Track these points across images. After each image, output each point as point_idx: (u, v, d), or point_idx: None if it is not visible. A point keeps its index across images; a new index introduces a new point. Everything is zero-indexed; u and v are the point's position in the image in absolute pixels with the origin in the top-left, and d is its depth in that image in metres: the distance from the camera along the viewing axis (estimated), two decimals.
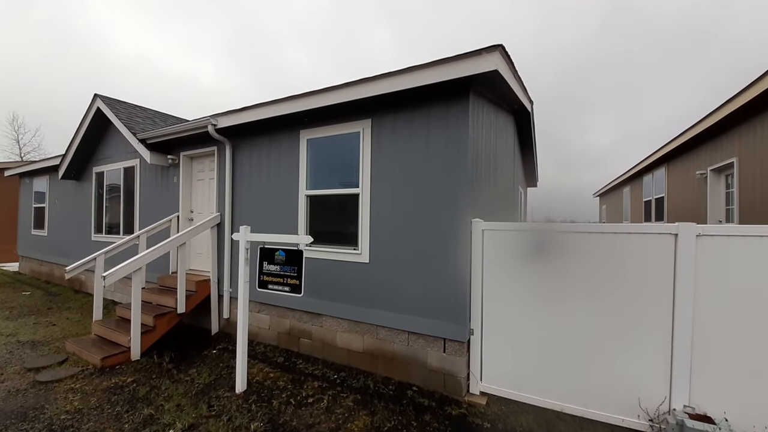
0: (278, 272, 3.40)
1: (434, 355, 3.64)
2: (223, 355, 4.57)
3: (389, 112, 3.94)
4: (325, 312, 4.35)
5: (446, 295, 3.55)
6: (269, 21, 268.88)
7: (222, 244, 5.35)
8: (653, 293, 2.90)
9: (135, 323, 4.32)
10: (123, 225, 7.02)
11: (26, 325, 5.78)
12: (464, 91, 3.49)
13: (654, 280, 2.90)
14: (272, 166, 4.94)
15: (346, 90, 3.92)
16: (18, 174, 10.66)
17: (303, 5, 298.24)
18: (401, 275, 3.81)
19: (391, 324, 3.87)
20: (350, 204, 4.21)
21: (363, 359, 4.07)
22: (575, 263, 3.17)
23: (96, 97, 6.98)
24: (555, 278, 3.26)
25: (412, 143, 3.79)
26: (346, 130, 4.23)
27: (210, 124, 5.00)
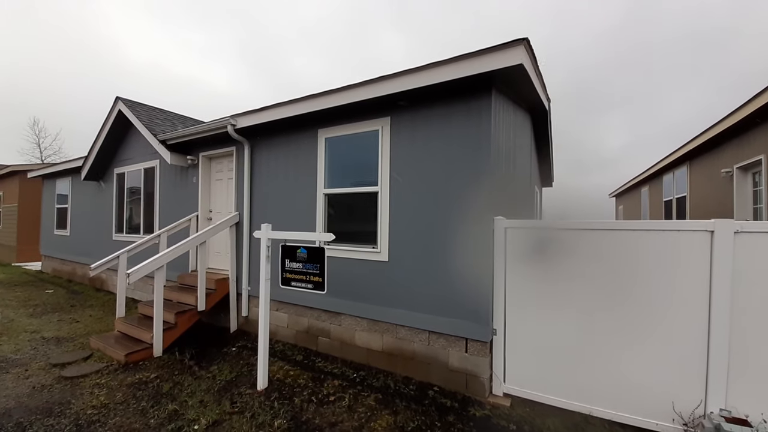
0: (301, 270, 3.40)
1: (456, 355, 3.59)
2: (243, 352, 4.60)
3: (408, 109, 3.92)
4: (344, 311, 4.34)
5: (468, 295, 3.50)
6: (278, 26, 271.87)
7: (240, 243, 5.40)
8: (687, 292, 2.80)
9: (157, 321, 4.38)
10: (143, 225, 7.15)
11: (50, 322, 5.92)
12: (486, 87, 3.44)
13: (688, 279, 2.79)
14: (290, 165, 4.96)
15: (365, 88, 3.91)
16: (41, 176, 10.98)
17: (312, 10, 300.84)
18: (421, 274, 3.77)
19: (410, 323, 3.83)
20: (369, 202, 4.19)
21: (382, 358, 4.04)
22: (604, 261, 3.08)
23: (117, 99, 7.15)
24: (582, 277, 3.17)
25: (431, 141, 3.75)
26: (365, 128, 4.22)
27: (229, 124, 5.06)
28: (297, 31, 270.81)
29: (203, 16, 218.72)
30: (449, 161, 3.64)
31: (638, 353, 2.95)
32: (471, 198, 3.50)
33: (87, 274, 8.94)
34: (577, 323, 3.18)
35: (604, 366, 3.07)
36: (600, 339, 3.09)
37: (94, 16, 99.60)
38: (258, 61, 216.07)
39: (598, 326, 3.10)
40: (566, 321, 3.23)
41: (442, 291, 3.64)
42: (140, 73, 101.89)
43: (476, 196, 3.48)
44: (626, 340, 2.99)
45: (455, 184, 3.60)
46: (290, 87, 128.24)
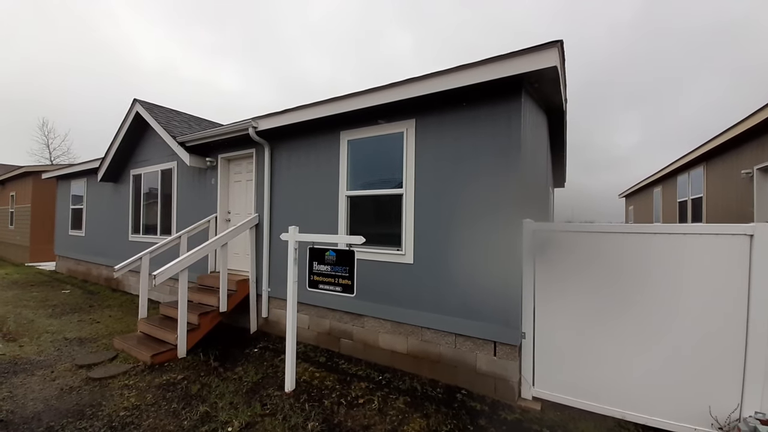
0: (329, 272, 3.41)
1: (484, 359, 3.58)
2: (265, 353, 4.61)
3: (434, 112, 3.92)
4: (367, 313, 4.34)
5: (496, 298, 3.48)
6: (286, 25, 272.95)
7: (261, 245, 5.42)
8: (725, 296, 2.77)
9: (181, 321, 4.40)
10: (160, 226, 7.20)
11: (70, 322, 5.97)
12: (515, 89, 3.43)
13: (726, 283, 2.77)
14: (311, 167, 4.97)
15: (390, 91, 3.92)
16: (55, 177, 11.09)
17: (321, 11, 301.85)
18: (447, 276, 3.77)
19: (436, 326, 3.83)
20: (393, 205, 4.20)
21: (407, 361, 4.03)
22: (636, 265, 3.06)
23: (135, 101, 7.20)
24: (612, 281, 3.15)
25: (458, 143, 3.75)
26: (389, 130, 4.22)
27: (251, 126, 5.08)
28: (305, 30, 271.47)
29: (213, 16, 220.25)
30: (477, 164, 3.63)
31: (673, 357, 2.93)
32: (499, 201, 3.49)
33: (102, 274, 9.03)
34: (607, 326, 3.16)
35: (638, 369, 3.05)
36: (632, 342, 3.07)
37: (101, 16, 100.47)
38: (265, 60, 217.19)
39: (631, 329, 3.07)
40: (597, 324, 3.21)
41: (469, 294, 3.63)
42: (149, 72, 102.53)
43: (504, 199, 3.46)
44: (661, 343, 2.97)
45: (483, 186, 3.59)
46: (298, 86, 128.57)
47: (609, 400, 3.15)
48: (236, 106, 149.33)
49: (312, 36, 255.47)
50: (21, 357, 4.42)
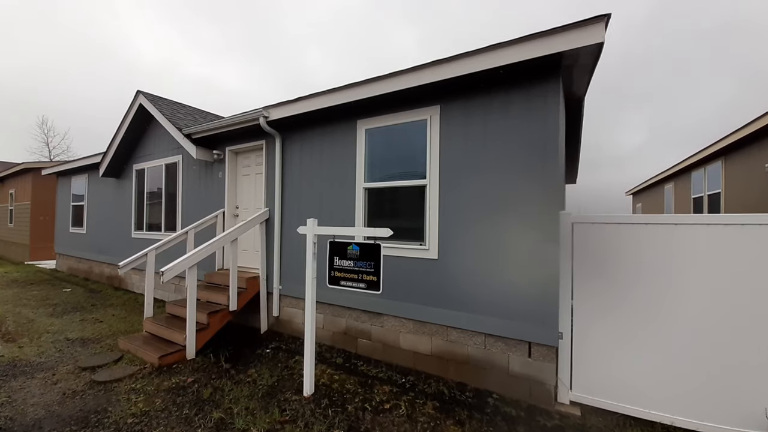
0: (351, 268, 3.16)
1: (517, 360, 3.34)
2: (278, 354, 4.38)
3: (460, 97, 3.67)
4: (387, 311, 4.10)
5: (531, 295, 3.25)
6: (290, 24, 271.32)
7: (271, 240, 5.17)
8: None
9: (190, 321, 4.16)
10: (165, 222, 6.96)
11: (72, 321, 5.73)
12: (553, 70, 3.19)
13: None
14: (325, 158, 4.73)
15: (412, 75, 3.67)
16: (55, 173, 10.83)
17: (324, 8, 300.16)
18: (476, 272, 3.53)
19: (464, 325, 3.59)
20: (415, 197, 3.95)
21: (431, 362, 3.80)
22: (687, 258, 2.82)
23: (139, 93, 6.95)
24: (660, 276, 2.91)
25: (487, 130, 3.51)
26: (411, 118, 3.98)
27: (261, 116, 4.83)
28: (307, 27, 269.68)
29: (214, 13, 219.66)
30: (508, 151, 3.39)
31: (727, 358, 2.69)
32: (533, 190, 3.25)
33: (104, 272, 8.79)
34: (654, 325, 2.93)
35: (686, 371, 2.81)
36: (681, 342, 2.83)
37: (103, 13, 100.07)
38: (267, 58, 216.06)
39: (680, 328, 2.84)
40: (642, 322, 2.97)
41: (501, 291, 3.39)
42: (151, 71, 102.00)
43: (539, 189, 3.23)
44: (712, 343, 2.73)
45: (515, 175, 3.35)
46: (300, 85, 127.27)
47: (657, 405, 2.92)
48: (238, 104, 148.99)
49: (315, 33, 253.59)
50: (20, 359, 4.18)
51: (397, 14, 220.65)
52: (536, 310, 3.22)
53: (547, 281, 3.19)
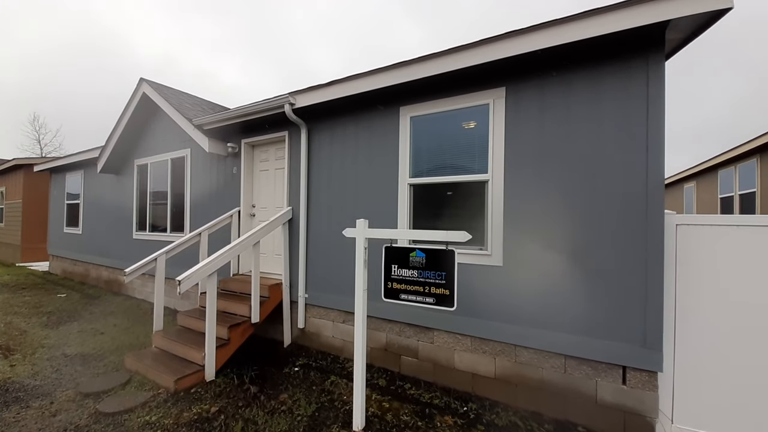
0: (415, 279, 2.62)
1: (608, 387, 2.82)
2: (309, 373, 3.83)
3: (532, 76, 3.15)
4: (438, 325, 3.57)
5: (626, 310, 2.73)
6: (294, 19, 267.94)
7: (296, 243, 4.62)
8: None
9: (210, 336, 3.60)
10: (170, 222, 6.36)
11: (69, 333, 5.13)
12: (656, 40, 2.67)
13: None
14: (361, 150, 4.18)
15: (472, 52, 3.15)
16: (48, 169, 10.16)
17: (329, 2, 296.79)
18: (552, 283, 3.01)
19: (537, 344, 3.07)
20: (473, 194, 3.43)
21: (495, 387, 3.27)
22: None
23: (142, 81, 6.35)
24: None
25: (570, 113, 2.99)
26: (468, 103, 3.45)
27: (287, 103, 4.27)
28: (312, 22, 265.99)
29: (214, 7, 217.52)
30: (598, 138, 2.87)
31: None
32: (630, 186, 2.74)
33: (102, 275, 8.16)
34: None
35: None
36: None
37: (99, 7, 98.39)
38: (269, 55, 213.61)
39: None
40: (758, 343, 2.47)
41: (586, 305, 2.87)
42: (148, 65, 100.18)
43: (637, 184, 2.72)
44: None
45: (606, 167, 2.84)
46: (303, 83, 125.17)
47: None
48: (238, 100, 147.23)
49: (317, 28, 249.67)
50: (13, 381, 3.59)
51: (403, 11, 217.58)
52: (633, 328, 2.71)
53: (648, 294, 2.68)
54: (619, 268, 2.76)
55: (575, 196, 2.94)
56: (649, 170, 2.69)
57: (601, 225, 2.83)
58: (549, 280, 3.03)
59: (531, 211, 3.12)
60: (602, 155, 2.85)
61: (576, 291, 2.91)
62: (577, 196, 2.94)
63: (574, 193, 2.95)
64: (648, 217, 2.68)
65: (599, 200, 2.85)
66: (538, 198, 3.10)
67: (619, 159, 2.79)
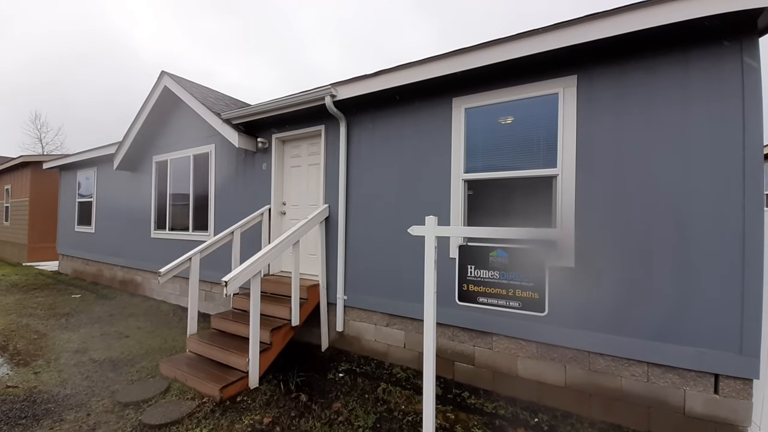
0: (497, 281, 2.41)
1: (697, 398, 2.62)
2: (356, 380, 3.61)
3: (608, 62, 2.95)
4: (497, 330, 3.36)
5: (719, 312, 2.53)
6: (297, 19, 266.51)
7: (333, 242, 4.40)
8: None
9: (254, 340, 3.39)
10: (193, 220, 6.13)
11: (92, 336, 4.90)
12: (750, 18, 2.48)
13: None
14: (405, 145, 3.97)
15: (542, 37, 2.95)
16: (58, 167, 9.91)
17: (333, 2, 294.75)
18: (632, 284, 2.81)
19: (614, 351, 2.86)
20: (539, 190, 3.22)
21: (565, 396, 3.06)
22: None
23: (163, 74, 6.12)
24: None
25: (652, 102, 2.79)
26: (532, 92, 3.24)
27: (329, 95, 4.06)
28: (315, 21, 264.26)
29: (219, 7, 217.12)
30: (685, 126, 2.67)
31: None
32: (721, 173, 2.55)
33: (117, 276, 7.92)
34: None
35: None
36: None
37: (100, 6, 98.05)
38: (272, 53, 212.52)
39: None
40: None
41: (672, 309, 2.67)
42: (151, 64, 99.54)
43: (733, 174, 2.52)
44: None
45: (693, 157, 2.64)
46: (307, 82, 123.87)
47: None
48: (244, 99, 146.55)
49: (322, 27, 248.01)
50: (40, 390, 3.36)
51: (409, 9, 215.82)
52: (727, 332, 2.51)
53: (745, 294, 2.48)
54: (711, 266, 2.56)
55: (657, 189, 2.74)
56: (746, 157, 2.50)
57: (690, 218, 2.63)
58: (628, 282, 2.82)
59: (606, 207, 2.92)
60: (690, 143, 2.65)
61: (660, 294, 2.71)
62: (659, 189, 2.74)
63: (655, 186, 2.75)
64: (746, 208, 2.50)
65: (686, 190, 2.65)
66: (614, 192, 2.90)
67: (709, 146, 2.59)
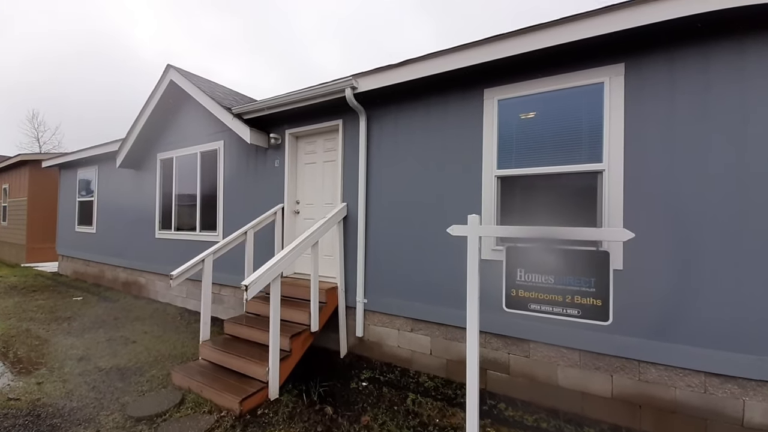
0: (551, 286, 2.20)
1: (757, 407, 2.42)
2: (382, 390, 3.40)
3: (657, 50, 2.74)
4: (534, 337, 3.15)
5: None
6: (297, 18, 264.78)
7: (353, 242, 4.18)
8: None
9: (274, 348, 3.16)
10: (200, 220, 5.89)
11: (97, 342, 4.66)
12: None
13: None
14: (431, 139, 3.75)
15: (586, 23, 2.74)
16: (58, 165, 9.64)
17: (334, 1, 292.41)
18: (686, 287, 2.60)
19: (667, 360, 2.66)
20: (580, 186, 3.01)
21: (611, 408, 2.85)
22: None
23: (169, 67, 5.88)
24: None
25: (709, 93, 2.57)
26: (574, 82, 3.03)
27: (349, 87, 3.84)
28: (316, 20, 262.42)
29: (218, 5, 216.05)
30: (745, 119, 2.46)
31: None
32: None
33: (119, 277, 7.68)
34: None
35: None
36: None
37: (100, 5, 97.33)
38: (273, 52, 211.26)
39: None
40: None
41: (729, 314, 2.47)
42: (150, 63, 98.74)
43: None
44: None
45: (756, 151, 2.43)
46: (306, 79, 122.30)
47: None
48: None
49: (323, 26, 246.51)
50: (44, 403, 3.13)
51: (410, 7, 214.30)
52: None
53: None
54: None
55: (718, 180, 2.53)
56: None
57: (756, 213, 2.42)
58: (682, 286, 2.61)
59: (659, 203, 2.71)
60: (747, 133, 2.44)
61: (718, 299, 2.50)
62: (721, 179, 2.53)
63: (713, 180, 2.54)
64: None
65: (751, 179, 2.44)
66: (667, 187, 2.69)
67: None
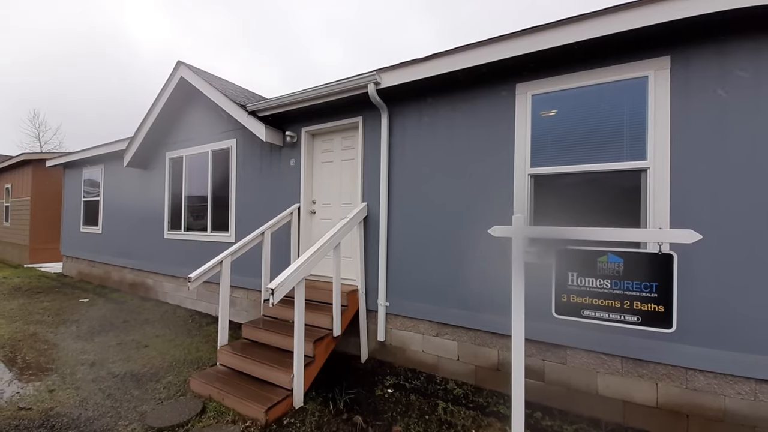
0: (608, 291, 2.06)
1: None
2: (409, 397, 3.26)
3: (706, 42, 2.60)
4: (572, 343, 3.01)
5: None
6: (298, 16, 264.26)
7: (374, 244, 4.05)
8: None
9: (298, 353, 3.02)
10: (211, 220, 5.75)
11: (108, 346, 4.52)
12: None
13: None
14: (458, 136, 3.62)
15: (631, 13, 2.60)
16: (62, 164, 9.49)
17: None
18: (739, 291, 2.47)
19: (715, 367, 2.53)
20: (622, 185, 2.88)
21: (656, 417, 2.72)
22: None
23: (180, 64, 5.74)
24: None
25: (763, 88, 2.44)
26: (615, 76, 2.90)
27: (372, 82, 3.70)
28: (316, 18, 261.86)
29: (219, 2, 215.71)
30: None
31: None
32: None
33: (126, 278, 7.54)
34: None
35: None
36: None
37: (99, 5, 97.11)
38: (274, 51, 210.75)
39: None
40: None
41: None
42: (150, 62, 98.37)
43: None
44: None
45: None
46: (308, 78, 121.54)
47: None
48: None
49: (323, 24, 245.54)
50: (57, 412, 2.99)
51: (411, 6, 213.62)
52: None
53: None
54: None
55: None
56: None
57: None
58: (734, 290, 2.48)
59: (709, 203, 2.58)
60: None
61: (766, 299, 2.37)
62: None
63: None
64: None
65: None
66: (718, 186, 2.55)
67: None
